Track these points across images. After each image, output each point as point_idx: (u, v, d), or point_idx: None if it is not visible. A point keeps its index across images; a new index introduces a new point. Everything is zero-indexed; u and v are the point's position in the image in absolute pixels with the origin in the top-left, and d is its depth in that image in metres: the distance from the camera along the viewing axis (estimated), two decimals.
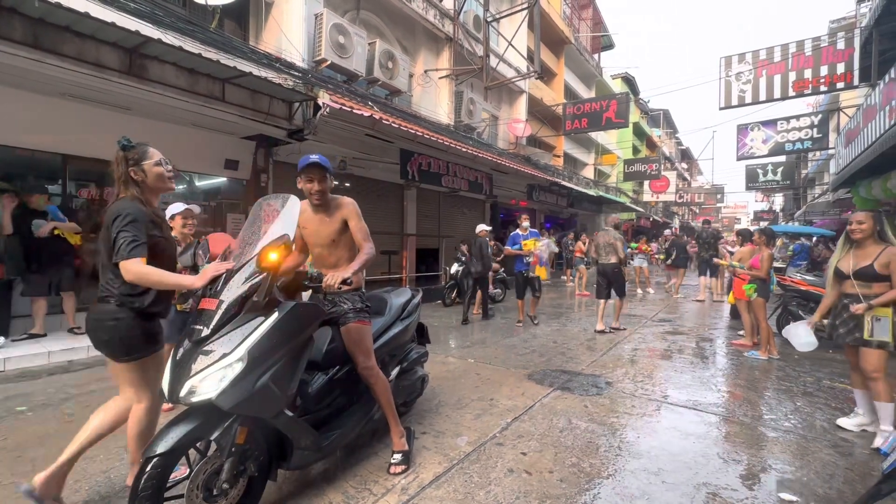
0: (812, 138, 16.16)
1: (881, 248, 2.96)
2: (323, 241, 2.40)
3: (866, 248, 3.03)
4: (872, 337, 2.89)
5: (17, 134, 4.95)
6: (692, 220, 45.53)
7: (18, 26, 4.06)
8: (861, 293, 2.97)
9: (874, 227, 3.02)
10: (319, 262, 2.46)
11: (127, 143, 2.09)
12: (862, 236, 3.04)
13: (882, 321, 2.87)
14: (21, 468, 2.40)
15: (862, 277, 2.99)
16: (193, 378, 1.67)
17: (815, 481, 2.44)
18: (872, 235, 3.02)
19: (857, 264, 3.02)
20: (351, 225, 2.38)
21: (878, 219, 3.03)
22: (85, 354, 4.60)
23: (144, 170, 2.07)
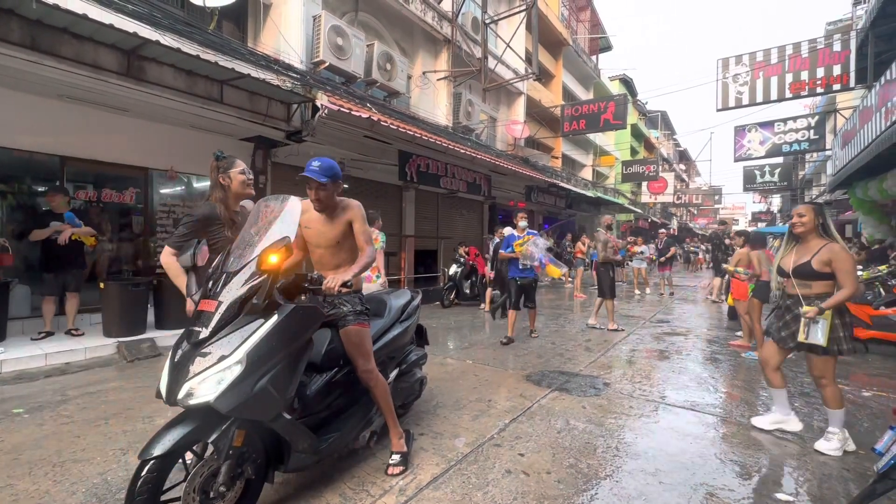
0: (809, 140, 16.24)
1: (823, 244, 2.77)
2: (326, 243, 2.38)
3: (808, 243, 2.84)
4: (807, 339, 2.72)
5: (15, 135, 4.94)
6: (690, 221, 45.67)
7: (16, 28, 4.06)
8: (801, 293, 2.81)
9: (816, 221, 2.82)
10: (321, 264, 2.44)
11: (220, 154, 2.49)
12: (803, 230, 2.85)
13: (820, 323, 2.69)
14: (18, 471, 2.40)
15: (800, 275, 2.81)
16: (192, 380, 1.66)
17: (812, 481, 2.45)
18: (815, 230, 2.82)
19: (797, 261, 2.84)
20: (355, 227, 2.36)
21: (820, 212, 2.85)
22: (83, 356, 4.59)
23: (231, 176, 2.46)
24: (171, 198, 6.48)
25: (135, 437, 2.81)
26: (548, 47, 17.41)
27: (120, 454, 2.59)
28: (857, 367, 4.85)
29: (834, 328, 2.69)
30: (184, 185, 6.64)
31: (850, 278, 2.67)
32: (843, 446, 2.74)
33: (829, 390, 2.77)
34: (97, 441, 2.76)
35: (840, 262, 2.69)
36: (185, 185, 6.64)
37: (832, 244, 2.74)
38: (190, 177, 6.66)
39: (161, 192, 6.37)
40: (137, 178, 6.08)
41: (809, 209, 2.85)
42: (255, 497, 1.95)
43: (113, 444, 2.72)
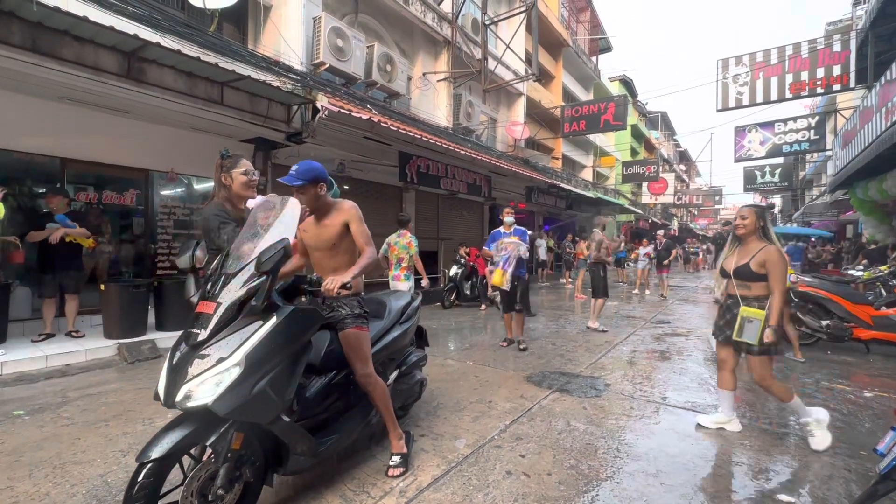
0: (809, 140, 16.24)
1: (761, 247, 2.82)
2: (322, 246, 2.36)
3: (749, 245, 2.89)
4: (741, 338, 2.77)
5: (16, 137, 4.95)
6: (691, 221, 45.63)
7: (17, 30, 4.06)
8: (740, 294, 2.85)
9: (757, 224, 2.88)
10: (319, 267, 2.42)
11: (225, 152, 2.52)
12: (744, 232, 2.90)
13: (753, 322, 2.74)
14: (18, 472, 2.39)
15: (740, 276, 2.86)
16: (190, 383, 1.65)
17: (813, 482, 2.44)
18: (755, 232, 2.88)
19: (738, 262, 2.88)
20: (352, 228, 2.34)
21: (762, 215, 2.90)
22: (83, 358, 4.59)
23: (232, 176, 2.50)
24: (172, 199, 6.48)
25: (135, 438, 2.81)
26: (548, 48, 17.43)
27: (120, 456, 2.59)
28: (858, 368, 4.84)
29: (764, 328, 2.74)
30: (184, 186, 6.64)
31: (780, 282, 2.73)
32: (823, 428, 2.81)
33: (775, 388, 2.84)
34: (97, 443, 2.76)
35: (773, 265, 2.74)
36: (185, 186, 6.65)
37: (769, 247, 2.80)
38: (190, 178, 6.66)
39: (161, 194, 6.38)
40: (138, 179, 6.09)
41: (751, 212, 2.91)
42: (254, 500, 1.94)
43: (113, 446, 2.71)
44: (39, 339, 4.82)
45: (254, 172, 2.60)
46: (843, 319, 5.45)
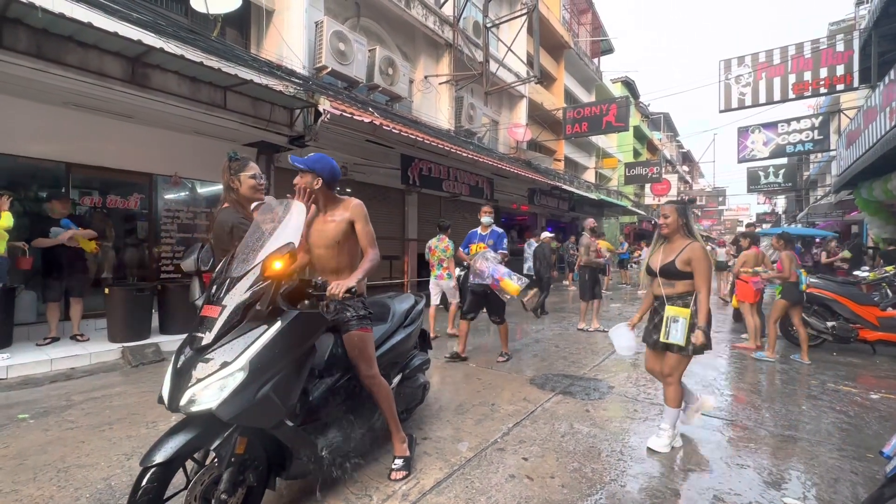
0: (813, 140, 16.17)
1: (686, 244, 2.77)
2: (326, 243, 2.33)
3: (674, 243, 2.85)
4: (668, 339, 2.71)
5: (22, 143, 4.99)
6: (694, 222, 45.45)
7: (23, 37, 4.10)
8: (665, 293, 2.81)
9: (678, 221, 2.83)
10: (321, 265, 2.39)
11: (233, 155, 2.51)
12: (668, 231, 2.86)
13: (679, 322, 2.69)
14: (23, 476, 2.40)
15: (665, 275, 2.81)
16: (194, 387, 1.65)
17: (820, 485, 2.42)
18: (679, 230, 2.83)
19: (664, 260, 2.83)
20: (357, 228, 2.32)
21: (683, 212, 2.85)
22: (88, 362, 4.61)
23: (240, 180, 2.50)
24: (176, 203, 6.51)
25: (139, 442, 2.82)
26: (549, 50, 17.44)
27: (124, 459, 2.60)
28: (864, 370, 4.80)
29: (693, 328, 2.69)
30: (188, 190, 6.67)
31: (705, 279, 2.69)
32: (672, 443, 2.84)
33: (672, 389, 2.83)
34: (101, 446, 2.76)
35: (697, 262, 2.70)
36: (188, 190, 6.68)
37: (694, 244, 2.76)
38: (194, 182, 6.69)
39: (165, 198, 6.41)
40: (142, 184, 6.12)
41: (672, 209, 2.86)
42: (257, 503, 1.94)
43: (117, 450, 2.72)
44: (44, 342, 4.85)
45: (261, 176, 2.60)
46: (848, 321, 5.41)
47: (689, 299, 2.73)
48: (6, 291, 4.57)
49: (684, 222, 2.84)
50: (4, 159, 4.99)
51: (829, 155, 17.92)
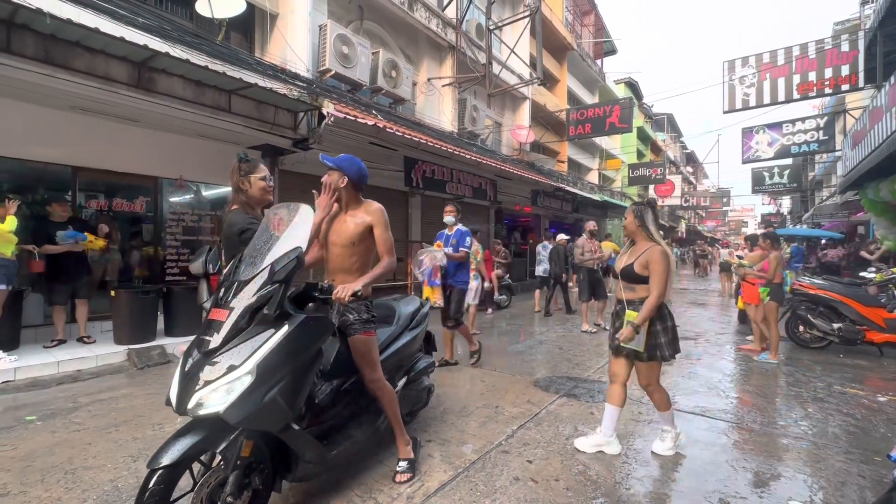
0: (818, 140, 16.08)
1: (648, 246, 2.67)
2: (342, 241, 2.35)
3: (637, 245, 2.75)
4: (627, 345, 2.61)
5: (29, 147, 5.05)
6: (698, 223, 45.26)
7: (31, 42, 4.15)
8: (626, 297, 2.72)
9: (634, 223, 2.73)
10: (333, 263, 2.41)
11: (243, 156, 2.49)
12: (627, 233, 2.80)
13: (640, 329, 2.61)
14: (31, 478, 2.42)
15: (625, 278, 2.72)
16: (202, 390, 1.66)
17: (827, 489, 2.41)
18: (641, 231, 2.73)
19: (625, 263, 2.74)
20: (376, 233, 2.34)
21: (639, 213, 2.73)
22: (94, 364, 4.64)
23: (251, 181, 2.47)
24: (181, 206, 6.56)
25: (145, 444, 2.83)
26: (552, 52, 17.44)
27: (130, 461, 2.61)
28: (871, 372, 4.76)
29: (653, 335, 2.60)
30: (192, 193, 6.72)
31: (659, 282, 2.56)
32: (677, 443, 2.80)
33: (657, 396, 2.77)
34: (108, 448, 2.78)
35: (654, 264, 2.59)
36: (193, 193, 6.72)
37: (654, 246, 2.65)
38: (198, 185, 6.74)
39: (170, 201, 6.45)
40: (147, 187, 6.17)
41: (629, 211, 2.78)
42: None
43: (123, 452, 2.74)
44: (52, 344, 4.89)
45: (270, 178, 2.61)
46: (855, 322, 5.38)
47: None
48: (14, 294, 4.61)
49: (640, 224, 2.72)
50: (12, 163, 5.04)
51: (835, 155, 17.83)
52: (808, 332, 5.74)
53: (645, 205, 2.78)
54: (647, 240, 2.72)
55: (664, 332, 2.63)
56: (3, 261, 4.32)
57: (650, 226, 2.72)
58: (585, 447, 2.79)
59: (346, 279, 2.30)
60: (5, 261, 4.33)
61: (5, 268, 4.32)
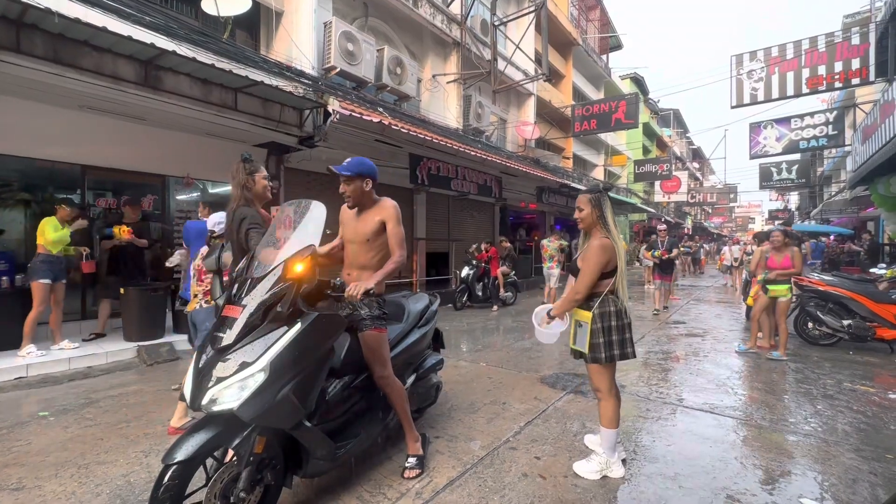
0: (827, 135, 15.88)
1: (597, 240, 2.42)
2: (358, 239, 2.42)
3: (591, 238, 2.48)
4: (574, 345, 2.49)
5: (38, 146, 5.09)
6: (705, 220, 44.95)
7: (39, 42, 4.18)
8: None
9: (593, 213, 2.44)
10: (351, 259, 2.47)
11: (247, 156, 2.64)
12: (583, 226, 2.51)
13: (584, 327, 2.42)
14: (45, 472, 2.46)
15: (574, 273, 2.51)
16: (215, 387, 1.68)
17: (838, 486, 2.39)
18: (597, 223, 2.45)
19: (578, 258, 2.53)
20: (388, 228, 2.39)
21: (597, 202, 2.45)
22: (104, 360, 4.69)
23: (255, 180, 2.63)
24: (188, 204, 6.60)
25: (155, 439, 2.86)
26: (557, 48, 17.34)
27: (142, 456, 2.64)
28: (882, 369, 4.72)
29: (594, 334, 2.38)
30: (199, 191, 6.75)
31: (585, 273, 2.37)
32: (603, 471, 2.42)
33: (603, 405, 2.46)
34: (119, 443, 2.82)
35: (590, 255, 2.37)
36: (200, 191, 6.76)
37: (603, 240, 2.39)
38: (205, 183, 6.77)
39: (178, 199, 6.50)
40: (155, 185, 6.21)
41: (586, 201, 2.47)
42: (274, 501, 1.96)
43: (135, 447, 2.77)
44: (90, 338, 5.13)
45: (269, 178, 2.77)
46: (865, 319, 5.32)
47: (595, 301, 2.40)
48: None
49: (599, 214, 2.44)
50: (22, 162, 5.09)
51: (844, 150, 17.61)
52: (817, 328, 5.69)
53: (601, 192, 2.49)
54: (601, 231, 2.43)
55: (603, 333, 2.38)
56: (50, 257, 4.51)
57: (608, 216, 2.44)
58: (585, 472, 2.46)
59: (363, 274, 2.38)
60: (51, 257, 4.53)
61: (50, 264, 4.52)
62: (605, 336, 2.39)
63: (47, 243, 4.50)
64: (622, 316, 2.42)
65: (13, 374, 4.15)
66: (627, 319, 2.45)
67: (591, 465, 2.47)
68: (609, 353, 2.39)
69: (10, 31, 4.02)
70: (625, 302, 2.44)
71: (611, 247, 2.37)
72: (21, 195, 5.35)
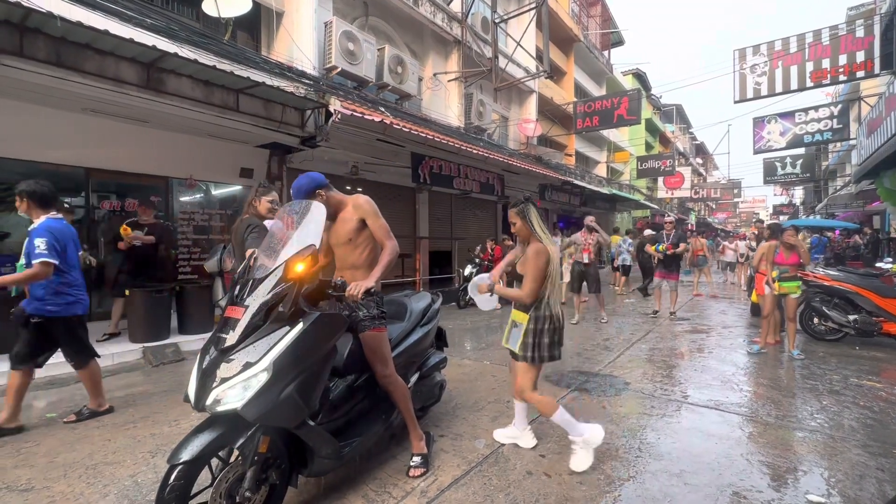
0: (832, 129, 15.77)
1: (532, 246, 2.55)
2: (341, 241, 2.40)
3: (529, 246, 2.60)
4: (507, 344, 2.61)
5: (42, 149, 5.12)
6: (709, 215, 44.71)
7: (42, 46, 4.20)
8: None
9: (525, 226, 2.56)
10: (341, 262, 2.47)
11: (263, 182, 3.29)
12: (520, 237, 2.64)
13: (519, 327, 2.55)
14: (54, 473, 2.48)
15: (517, 279, 2.63)
16: (219, 387, 1.69)
17: (844, 482, 2.38)
18: (530, 232, 2.56)
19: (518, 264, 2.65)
20: (370, 224, 2.36)
21: (524, 213, 2.56)
22: (110, 362, 4.72)
23: (260, 201, 3.34)
24: (191, 205, 6.63)
25: (162, 439, 2.88)
26: (559, 44, 17.27)
27: (149, 457, 2.66)
28: (889, 364, 4.69)
29: (527, 334, 2.51)
30: (202, 192, 6.78)
31: (528, 281, 2.47)
32: (589, 451, 2.53)
33: (535, 401, 2.56)
34: (127, 444, 2.84)
35: (528, 262, 2.48)
36: (203, 192, 6.79)
37: (534, 244, 2.52)
38: (208, 184, 6.80)
39: (181, 200, 6.52)
40: (158, 186, 6.24)
41: (514, 214, 2.59)
42: (280, 500, 1.97)
43: (142, 447, 2.79)
44: (104, 338, 5.17)
45: (277, 203, 3.32)
46: (871, 314, 5.29)
47: (531, 304, 2.52)
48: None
49: (529, 224, 2.55)
50: (26, 165, 5.12)
51: (849, 144, 17.48)
52: (823, 324, 5.66)
53: (525, 202, 2.61)
54: (534, 239, 2.55)
55: (535, 334, 2.51)
56: None
57: (535, 224, 2.55)
58: (501, 437, 2.82)
59: (356, 274, 2.36)
60: None
61: None
62: (537, 337, 2.52)
63: None
64: (555, 320, 2.55)
65: None
66: (560, 324, 2.58)
67: (579, 457, 2.52)
68: (539, 353, 2.52)
69: (14, 35, 4.05)
70: (557, 307, 2.55)
71: (545, 250, 2.50)
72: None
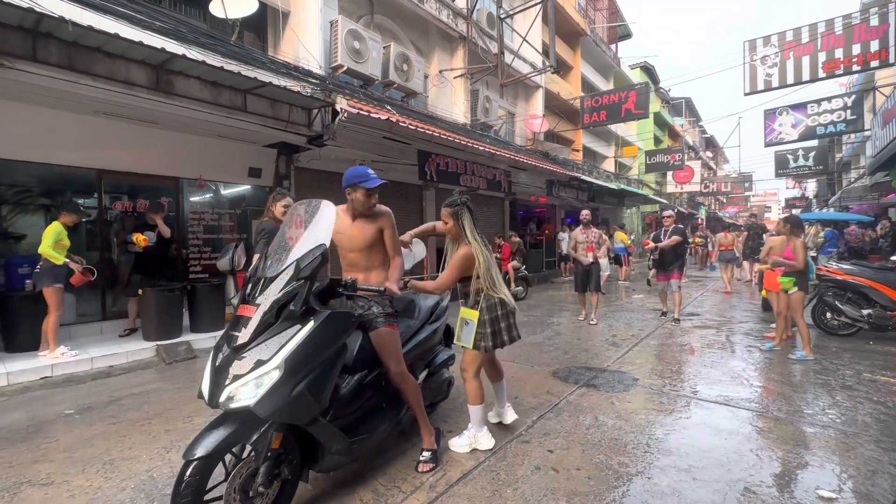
0: (846, 120, 15.46)
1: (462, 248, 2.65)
2: (358, 247, 2.47)
3: (459, 246, 2.72)
4: (459, 342, 2.72)
5: (56, 152, 5.22)
6: (719, 210, 44.17)
7: (54, 50, 4.28)
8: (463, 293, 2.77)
9: (455, 228, 2.65)
10: (353, 266, 2.51)
11: (281, 189, 3.61)
12: (450, 236, 2.74)
13: (469, 324, 2.67)
14: (72, 468, 2.55)
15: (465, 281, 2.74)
16: (232, 384, 1.72)
17: (856, 478, 2.36)
18: (460, 233, 2.65)
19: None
20: (386, 235, 2.49)
21: (456, 215, 2.64)
22: (125, 360, 4.82)
23: (275, 206, 3.88)
24: (201, 205, 6.71)
25: (176, 436, 2.94)
26: (565, 38, 17.14)
27: (164, 452, 2.72)
28: None
29: (481, 324, 2.65)
30: (212, 192, 6.86)
31: (443, 276, 2.60)
32: (473, 444, 2.68)
33: (469, 385, 2.72)
34: (142, 440, 2.90)
35: (453, 260, 2.62)
36: (213, 192, 6.86)
37: (463, 248, 2.63)
38: (217, 184, 6.87)
39: (191, 200, 6.60)
40: (169, 187, 6.32)
41: (447, 214, 2.66)
42: (291, 495, 2.01)
43: (157, 443, 2.85)
44: (124, 333, 5.42)
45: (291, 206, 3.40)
46: (885, 308, 5.21)
47: (479, 298, 2.67)
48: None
49: (460, 225, 2.64)
50: (40, 167, 5.23)
51: (864, 135, 17.12)
52: (836, 318, 5.58)
53: (461, 206, 2.65)
54: (465, 242, 2.64)
55: (490, 324, 2.65)
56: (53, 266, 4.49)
57: (467, 229, 2.63)
58: (457, 447, 2.69)
59: (370, 275, 2.48)
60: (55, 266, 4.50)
61: (55, 267, 4.51)
62: (495, 325, 2.67)
63: (44, 253, 4.43)
64: (506, 305, 2.70)
65: (39, 374, 4.29)
66: (511, 308, 2.73)
67: (462, 440, 2.70)
68: (495, 341, 2.66)
69: (27, 40, 4.12)
70: (502, 293, 2.68)
71: (471, 255, 2.62)
72: (40, 200, 5.50)
